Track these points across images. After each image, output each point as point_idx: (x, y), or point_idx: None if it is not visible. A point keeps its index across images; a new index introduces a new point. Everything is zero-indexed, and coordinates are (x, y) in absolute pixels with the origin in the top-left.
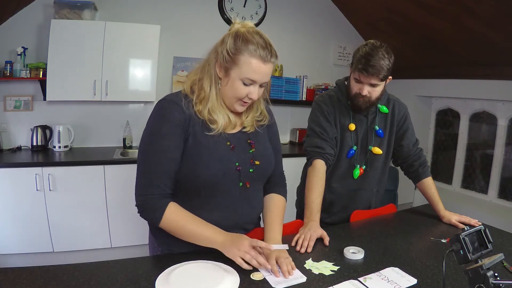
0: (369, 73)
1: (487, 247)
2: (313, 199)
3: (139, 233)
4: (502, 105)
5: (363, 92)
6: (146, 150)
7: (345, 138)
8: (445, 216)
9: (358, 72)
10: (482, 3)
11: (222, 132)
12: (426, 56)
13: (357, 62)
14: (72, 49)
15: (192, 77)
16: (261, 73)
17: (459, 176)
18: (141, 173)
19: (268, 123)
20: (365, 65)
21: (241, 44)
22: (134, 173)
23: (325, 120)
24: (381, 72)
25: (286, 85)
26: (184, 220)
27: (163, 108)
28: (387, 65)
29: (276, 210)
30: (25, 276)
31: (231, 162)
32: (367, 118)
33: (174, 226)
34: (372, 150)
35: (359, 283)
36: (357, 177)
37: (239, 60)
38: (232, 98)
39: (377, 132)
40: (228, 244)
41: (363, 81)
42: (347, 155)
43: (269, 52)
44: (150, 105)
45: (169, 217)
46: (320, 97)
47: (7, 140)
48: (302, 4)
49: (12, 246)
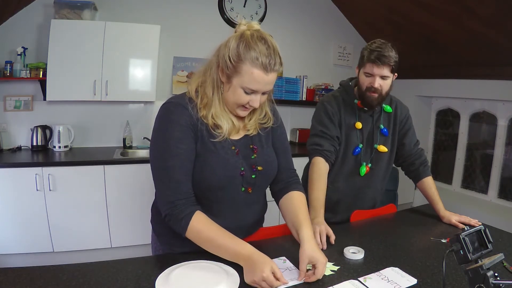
0: (382, 62)
1: (487, 247)
2: (315, 197)
3: (139, 233)
4: (502, 105)
5: (375, 84)
6: (164, 155)
7: (351, 137)
8: (445, 216)
9: (371, 63)
10: (482, 3)
11: (227, 138)
12: (426, 56)
13: (369, 54)
14: (72, 49)
15: (196, 79)
16: (263, 83)
17: (459, 176)
18: (163, 180)
19: (273, 125)
20: (378, 56)
21: (243, 51)
22: (134, 173)
23: (329, 120)
24: (392, 62)
25: (286, 85)
26: (208, 233)
27: (171, 112)
28: (395, 57)
29: (301, 207)
30: (25, 276)
31: (236, 167)
32: (373, 117)
33: (198, 237)
34: (378, 148)
35: (359, 283)
36: (363, 175)
37: (241, 69)
38: (233, 104)
39: (382, 131)
40: (249, 265)
41: (375, 73)
42: (353, 153)
43: (273, 60)
44: (150, 105)
45: (193, 227)
46: (325, 97)
47: (7, 140)
48: (302, 4)
49: (12, 246)
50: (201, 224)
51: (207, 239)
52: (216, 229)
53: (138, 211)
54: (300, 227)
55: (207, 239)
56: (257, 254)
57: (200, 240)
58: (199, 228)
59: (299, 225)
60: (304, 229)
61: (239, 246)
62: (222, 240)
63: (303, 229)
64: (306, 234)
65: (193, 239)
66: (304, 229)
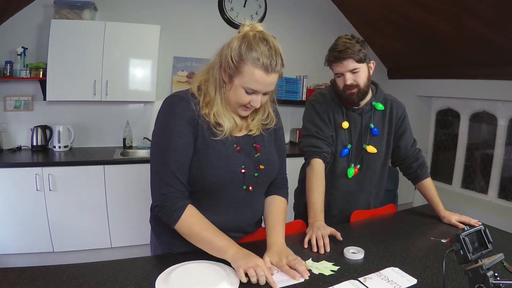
0: (342, 58)
1: (487, 247)
2: (315, 199)
3: (139, 233)
4: (502, 105)
5: (347, 81)
6: (162, 147)
7: (339, 137)
8: (445, 216)
9: (333, 65)
10: (482, 3)
11: (229, 135)
12: (426, 56)
13: (328, 56)
14: (72, 49)
15: (199, 77)
16: (264, 84)
17: (459, 176)
18: (159, 171)
19: (275, 127)
20: (334, 54)
21: (245, 51)
22: (134, 173)
23: (320, 119)
24: (351, 53)
25: (286, 85)
26: (199, 226)
27: (174, 105)
28: (355, 46)
29: (278, 212)
30: (25, 276)
31: (237, 165)
32: (362, 116)
33: (188, 230)
34: (367, 148)
35: (359, 283)
36: (351, 177)
37: (242, 69)
38: (235, 103)
39: (372, 131)
40: (238, 257)
41: (341, 71)
42: (341, 154)
43: (274, 61)
44: (150, 105)
45: (185, 219)
46: (313, 96)
47: (7, 140)
48: (302, 4)
49: (12, 246)
50: (193, 217)
51: (196, 233)
52: (207, 223)
53: (138, 211)
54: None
55: (196, 233)
56: (246, 251)
57: (190, 233)
58: (191, 221)
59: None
60: (273, 236)
61: (228, 241)
62: (212, 236)
63: (272, 236)
64: (273, 241)
65: (182, 232)
66: (273, 236)
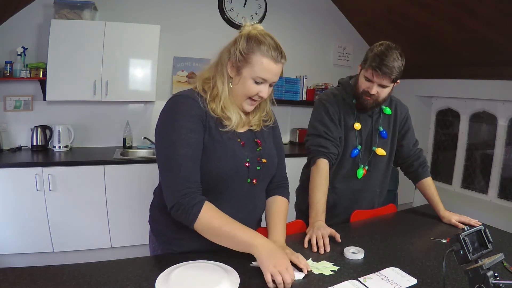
0: (382, 73)
1: (487, 247)
2: (317, 199)
3: (139, 233)
4: (502, 105)
5: (371, 91)
6: (176, 144)
7: (349, 138)
8: (445, 216)
9: (371, 70)
10: (483, 3)
11: (234, 130)
12: (426, 56)
13: (371, 60)
14: (72, 49)
15: (204, 75)
16: (272, 73)
17: (459, 176)
18: (173, 169)
19: (273, 125)
20: (379, 64)
21: (254, 45)
22: (134, 173)
23: (330, 120)
24: (393, 73)
25: (286, 85)
26: (220, 220)
27: (181, 103)
28: (399, 67)
29: (280, 212)
30: (25, 276)
31: (242, 159)
32: (372, 118)
33: (209, 225)
34: (376, 151)
35: (359, 283)
36: (360, 177)
37: (252, 59)
38: (242, 96)
39: (381, 133)
40: (265, 253)
41: (374, 81)
42: (351, 155)
43: (279, 53)
44: (150, 105)
45: (205, 214)
46: (325, 95)
47: (7, 140)
48: (302, 4)
49: (12, 246)
50: (213, 211)
51: (218, 228)
52: (227, 217)
53: (138, 211)
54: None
55: (218, 228)
56: (272, 243)
57: (211, 228)
58: (212, 215)
59: (271, 229)
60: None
61: (251, 232)
62: (234, 229)
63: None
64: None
65: (202, 228)
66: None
